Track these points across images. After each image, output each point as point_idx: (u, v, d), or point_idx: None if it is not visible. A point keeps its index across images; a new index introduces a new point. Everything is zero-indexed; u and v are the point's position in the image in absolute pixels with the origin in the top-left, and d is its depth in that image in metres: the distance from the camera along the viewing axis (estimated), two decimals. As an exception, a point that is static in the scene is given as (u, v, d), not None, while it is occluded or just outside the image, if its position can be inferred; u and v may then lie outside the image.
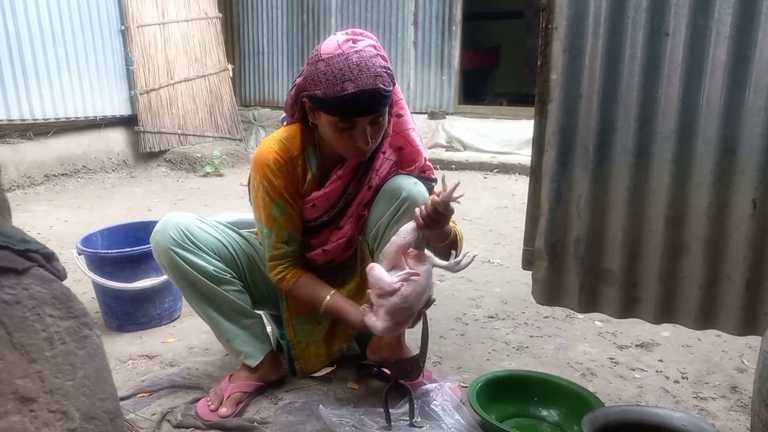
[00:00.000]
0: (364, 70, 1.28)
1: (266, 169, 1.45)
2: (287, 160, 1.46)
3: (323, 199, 1.51)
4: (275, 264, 1.52)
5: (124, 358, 1.87)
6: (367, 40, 1.35)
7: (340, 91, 1.28)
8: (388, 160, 1.50)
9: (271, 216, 1.48)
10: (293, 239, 1.51)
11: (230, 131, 6.15)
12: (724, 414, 1.57)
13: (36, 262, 0.76)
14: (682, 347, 1.95)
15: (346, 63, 1.28)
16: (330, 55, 1.30)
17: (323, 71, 1.30)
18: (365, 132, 1.35)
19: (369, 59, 1.29)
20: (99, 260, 2.02)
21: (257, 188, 1.48)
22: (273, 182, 1.45)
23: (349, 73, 1.27)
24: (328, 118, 1.34)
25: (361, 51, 1.30)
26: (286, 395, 1.63)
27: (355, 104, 1.29)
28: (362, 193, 1.51)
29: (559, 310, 2.17)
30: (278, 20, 6.67)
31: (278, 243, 1.50)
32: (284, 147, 1.46)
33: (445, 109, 6.05)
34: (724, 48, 1.30)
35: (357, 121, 1.33)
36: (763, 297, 1.36)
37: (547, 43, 1.47)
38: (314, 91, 1.33)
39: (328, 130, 1.37)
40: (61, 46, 4.80)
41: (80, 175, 5.05)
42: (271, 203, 1.47)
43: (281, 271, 1.52)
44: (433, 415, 1.44)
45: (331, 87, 1.29)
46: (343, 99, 1.28)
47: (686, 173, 1.39)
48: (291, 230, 1.50)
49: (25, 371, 0.70)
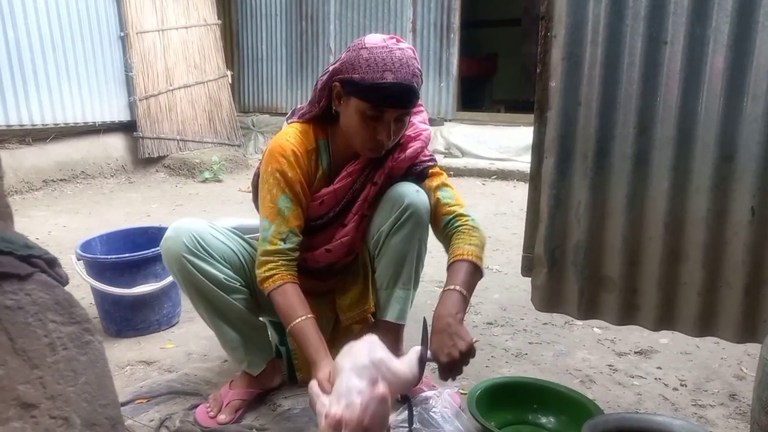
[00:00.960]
0: (404, 66, 1.33)
1: (282, 159, 1.44)
2: (303, 153, 1.46)
3: (332, 195, 1.51)
4: (266, 260, 1.44)
5: (122, 364, 1.86)
6: (408, 45, 1.40)
7: (379, 79, 1.32)
8: (396, 158, 1.51)
9: (276, 208, 1.45)
10: (291, 238, 1.46)
11: (229, 137, 6.16)
12: (723, 422, 1.57)
13: (39, 268, 0.76)
14: (680, 354, 1.95)
15: (390, 55, 1.33)
16: (374, 46, 1.35)
17: (365, 57, 1.33)
18: (389, 126, 1.38)
19: (410, 59, 1.35)
20: (98, 266, 2.01)
21: (267, 179, 1.46)
22: (287, 173, 1.44)
23: (391, 65, 1.32)
24: (359, 104, 1.36)
25: (403, 50, 1.36)
26: (285, 401, 1.62)
27: (390, 94, 1.33)
28: (367, 189, 1.51)
29: (557, 317, 2.17)
30: (277, 27, 6.70)
31: (275, 238, 1.45)
32: (300, 140, 1.47)
33: (444, 115, 6.07)
34: (721, 56, 1.31)
35: (386, 112, 1.35)
36: (762, 304, 1.37)
37: (546, 50, 1.48)
38: (351, 76, 1.35)
39: (355, 117, 1.38)
40: (61, 52, 4.81)
41: (79, 180, 5.05)
42: (280, 193, 1.45)
43: (271, 269, 1.44)
44: (432, 422, 1.44)
45: (370, 73, 1.32)
46: (380, 86, 1.32)
47: (685, 180, 1.39)
48: (292, 227, 1.46)
49: (26, 377, 0.70)
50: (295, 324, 1.38)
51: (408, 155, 1.50)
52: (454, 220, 1.49)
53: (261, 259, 1.46)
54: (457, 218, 1.49)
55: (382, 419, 1.10)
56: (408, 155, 1.50)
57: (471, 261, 1.39)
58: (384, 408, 1.10)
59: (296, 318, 1.38)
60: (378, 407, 1.08)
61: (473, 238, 1.44)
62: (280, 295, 1.42)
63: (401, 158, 1.51)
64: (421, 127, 1.55)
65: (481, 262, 1.42)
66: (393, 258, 1.51)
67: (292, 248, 1.47)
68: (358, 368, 1.16)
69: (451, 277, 1.38)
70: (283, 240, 1.45)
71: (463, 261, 1.39)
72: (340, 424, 1.09)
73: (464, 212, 1.50)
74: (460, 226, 1.47)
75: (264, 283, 1.44)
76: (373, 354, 1.18)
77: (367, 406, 1.09)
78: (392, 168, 1.51)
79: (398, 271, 1.52)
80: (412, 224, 1.47)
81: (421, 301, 2.32)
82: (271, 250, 1.44)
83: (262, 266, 1.45)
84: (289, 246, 1.46)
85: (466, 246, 1.42)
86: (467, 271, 1.38)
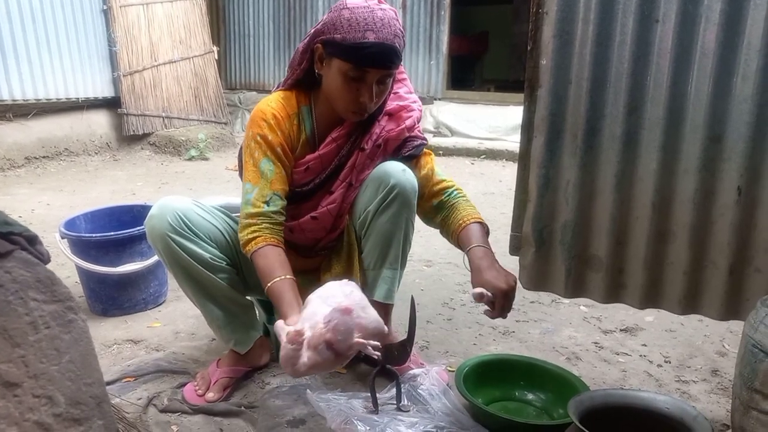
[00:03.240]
0: (386, 26, 1.33)
1: (263, 123, 1.44)
2: (284, 117, 1.46)
3: (317, 161, 1.50)
4: (249, 223, 1.41)
5: (109, 343, 1.85)
6: (390, 7, 1.39)
7: (361, 38, 1.31)
8: (384, 127, 1.52)
9: (259, 171, 1.44)
10: (275, 201, 1.44)
11: (215, 114, 6.07)
12: (705, 397, 1.60)
13: (19, 245, 0.74)
14: (665, 332, 1.98)
15: (371, 15, 1.32)
16: (355, 6, 1.34)
17: (347, 17, 1.33)
18: (372, 87, 1.37)
19: (392, 19, 1.35)
20: (83, 244, 1.99)
21: (249, 143, 1.46)
22: (267, 137, 1.44)
23: (372, 24, 1.31)
24: (340, 65, 1.35)
25: (385, 11, 1.35)
26: (274, 380, 1.63)
27: (372, 54, 1.32)
28: (355, 156, 1.51)
29: (544, 295, 2.19)
30: (264, 2, 6.57)
31: (258, 201, 1.42)
32: (281, 105, 1.47)
33: (433, 94, 6.03)
34: (713, 35, 1.30)
35: (368, 72, 1.35)
36: (746, 283, 1.38)
37: (537, 28, 1.46)
38: (333, 36, 1.34)
39: (337, 78, 1.37)
40: (41, 24, 4.69)
41: (62, 157, 4.96)
42: (262, 157, 1.44)
43: (253, 231, 1.40)
44: (420, 399, 1.45)
45: (352, 33, 1.31)
46: (362, 46, 1.31)
47: (673, 160, 1.39)
48: (276, 190, 1.44)
49: (8, 356, 0.69)
50: (273, 283, 1.34)
51: (408, 125, 1.53)
52: (454, 191, 1.59)
53: (244, 222, 1.42)
54: (457, 191, 1.60)
55: (345, 333, 1.05)
56: (408, 125, 1.53)
57: (484, 224, 1.54)
58: (348, 321, 1.05)
59: (274, 278, 1.35)
60: (341, 320, 1.04)
61: (476, 209, 1.57)
62: (261, 256, 1.39)
63: (399, 129, 1.52)
64: (410, 98, 1.57)
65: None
66: (380, 238, 1.51)
67: (275, 211, 1.43)
68: (327, 297, 1.14)
69: (474, 236, 1.50)
70: (266, 203, 1.42)
71: (476, 223, 1.52)
72: (300, 335, 1.07)
73: (459, 187, 1.61)
74: (461, 197, 1.58)
75: (246, 245, 1.41)
76: (345, 287, 1.16)
77: (330, 319, 1.07)
78: (387, 139, 1.51)
79: (385, 251, 1.52)
80: (399, 204, 1.46)
81: (409, 280, 2.33)
82: (254, 212, 1.42)
83: (244, 229, 1.42)
84: (272, 209, 1.43)
85: (478, 213, 1.55)
86: (483, 232, 1.53)
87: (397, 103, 1.54)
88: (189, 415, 1.47)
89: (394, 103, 1.54)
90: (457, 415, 1.40)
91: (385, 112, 1.53)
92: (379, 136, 1.51)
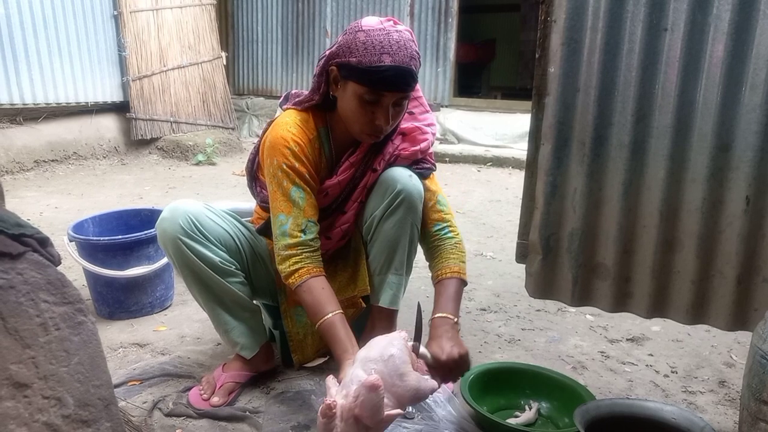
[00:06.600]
0: (402, 49, 1.31)
1: (287, 151, 1.41)
2: (306, 143, 1.44)
3: (336, 186, 1.51)
4: (290, 254, 1.41)
5: (115, 346, 1.86)
6: (405, 27, 1.38)
7: (377, 62, 1.30)
8: (397, 146, 1.52)
9: (290, 200, 1.42)
10: (311, 228, 1.44)
11: (223, 120, 6.11)
12: (712, 408, 1.59)
13: (30, 247, 0.75)
14: (672, 342, 1.97)
15: (387, 38, 1.31)
16: (371, 28, 1.32)
17: (362, 40, 1.31)
18: (387, 110, 1.36)
19: (407, 41, 1.34)
20: (90, 247, 2.00)
21: (275, 173, 1.43)
22: (294, 165, 1.42)
23: (388, 47, 1.30)
24: (356, 88, 1.34)
25: (401, 32, 1.34)
26: (279, 385, 1.63)
27: (388, 77, 1.31)
28: (367, 177, 1.51)
29: (550, 304, 2.18)
30: (273, 8, 6.62)
31: (295, 231, 1.41)
32: (301, 130, 1.44)
33: (440, 101, 6.04)
34: (721, 44, 1.30)
35: (385, 96, 1.34)
36: (754, 293, 1.38)
37: (545, 35, 1.46)
38: (348, 59, 1.33)
39: (352, 101, 1.36)
40: (53, 30, 4.74)
41: (71, 161, 5.00)
42: (291, 185, 1.42)
43: (296, 263, 1.40)
44: (425, 407, 1.45)
45: (368, 56, 1.30)
46: (378, 69, 1.30)
47: (681, 169, 1.39)
48: (309, 217, 1.44)
49: (19, 357, 0.69)
50: (324, 321, 1.35)
51: (422, 148, 1.52)
52: (446, 229, 1.56)
53: (283, 254, 1.42)
54: (450, 229, 1.56)
55: (373, 409, 1.08)
56: (422, 148, 1.52)
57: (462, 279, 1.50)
58: (375, 398, 1.07)
59: (324, 314, 1.36)
60: (368, 397, 1.07)
61: (462, 254, 1.54)
62: (306, 292, 1.40)
63: (413, 150, 1.51)
64: (426, 119, 1.55)
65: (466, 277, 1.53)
66: (385, 243, 1.51)
67: (313, 238, 1.44)
68: (366, 361, 1.16)
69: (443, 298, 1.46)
70: (303, 231, 1.43)
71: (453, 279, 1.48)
72: (331, 410, 1.09)
73: (455, 224, 1.58)
74: (451, 239, 1.55)
75: (289, 278, 1.42)
76: (386, 350, 1.17)
77: (357, 394, 1.09)
78: (399, 156, 1.51)
79: (391, 256, 1.52)
80: (405, 209, 1.47)
81: (414, 287, 2.32)
82: (293, 243, 1.42)
83: (285, 261, 1.42)
84: (309, 237, 1.43)
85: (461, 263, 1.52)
86: (457, 290, 1.48)
87: (412, 124, 1.52)
88: (194, 419, 1.47)
89: (408, 123, 1.52)
90: (462, 423, 1.40)
91: (399, 131, 1.52)
92: (392, 155, 1.51)
